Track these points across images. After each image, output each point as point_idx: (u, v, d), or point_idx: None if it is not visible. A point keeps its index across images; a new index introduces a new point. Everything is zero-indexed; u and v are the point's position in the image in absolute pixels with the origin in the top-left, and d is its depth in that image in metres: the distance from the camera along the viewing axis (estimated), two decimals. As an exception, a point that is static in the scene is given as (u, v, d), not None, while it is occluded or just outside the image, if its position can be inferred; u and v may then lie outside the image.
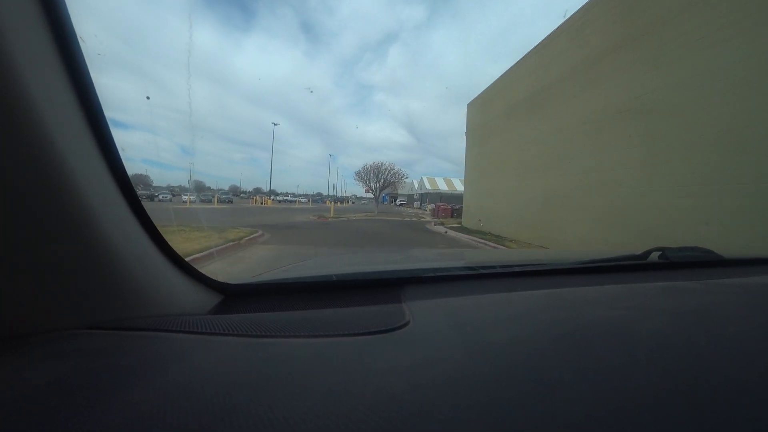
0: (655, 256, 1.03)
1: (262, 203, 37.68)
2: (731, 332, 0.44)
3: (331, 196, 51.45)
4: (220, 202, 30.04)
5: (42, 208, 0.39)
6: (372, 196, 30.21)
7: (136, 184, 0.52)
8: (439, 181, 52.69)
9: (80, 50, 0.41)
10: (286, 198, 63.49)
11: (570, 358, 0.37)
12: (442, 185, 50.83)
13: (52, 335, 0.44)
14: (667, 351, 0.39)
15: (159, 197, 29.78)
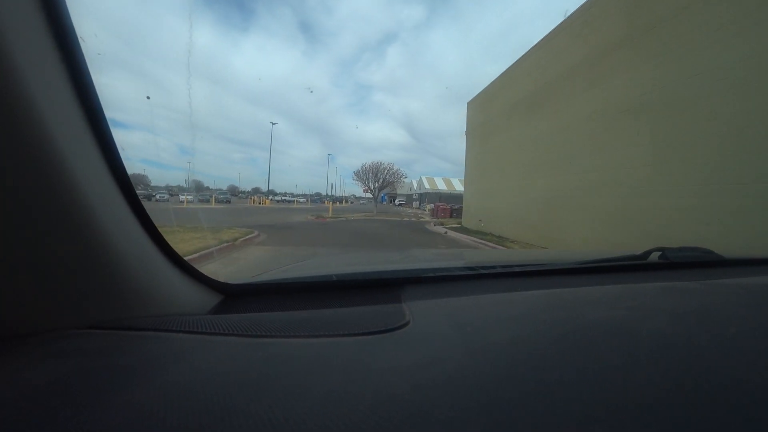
0: (655, 257, 1.03)
1: (260, 203, 37.64)
2: (732, 332, 0.44)
3: (330, 196, 51.41)
4: (218, 202, 29.91)
5: (42, 208, 0.39)
6: (371, 196, 30.19)
7: (134, 184, 0.52)
8: (438, 181, 52.77)
9: (80, 50, 0.41)
10: (284, 198, 63.39)
11: (570, 358, 0.37)
12: (441, 185, 50.91)
13: (52, 335, 0.44)
14: (668, 351, 0.39)
15: (156, 197, 29.77)
